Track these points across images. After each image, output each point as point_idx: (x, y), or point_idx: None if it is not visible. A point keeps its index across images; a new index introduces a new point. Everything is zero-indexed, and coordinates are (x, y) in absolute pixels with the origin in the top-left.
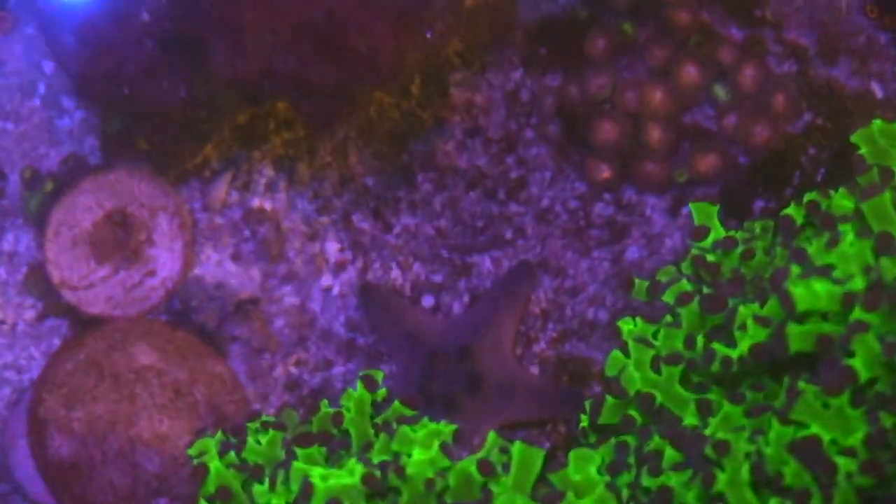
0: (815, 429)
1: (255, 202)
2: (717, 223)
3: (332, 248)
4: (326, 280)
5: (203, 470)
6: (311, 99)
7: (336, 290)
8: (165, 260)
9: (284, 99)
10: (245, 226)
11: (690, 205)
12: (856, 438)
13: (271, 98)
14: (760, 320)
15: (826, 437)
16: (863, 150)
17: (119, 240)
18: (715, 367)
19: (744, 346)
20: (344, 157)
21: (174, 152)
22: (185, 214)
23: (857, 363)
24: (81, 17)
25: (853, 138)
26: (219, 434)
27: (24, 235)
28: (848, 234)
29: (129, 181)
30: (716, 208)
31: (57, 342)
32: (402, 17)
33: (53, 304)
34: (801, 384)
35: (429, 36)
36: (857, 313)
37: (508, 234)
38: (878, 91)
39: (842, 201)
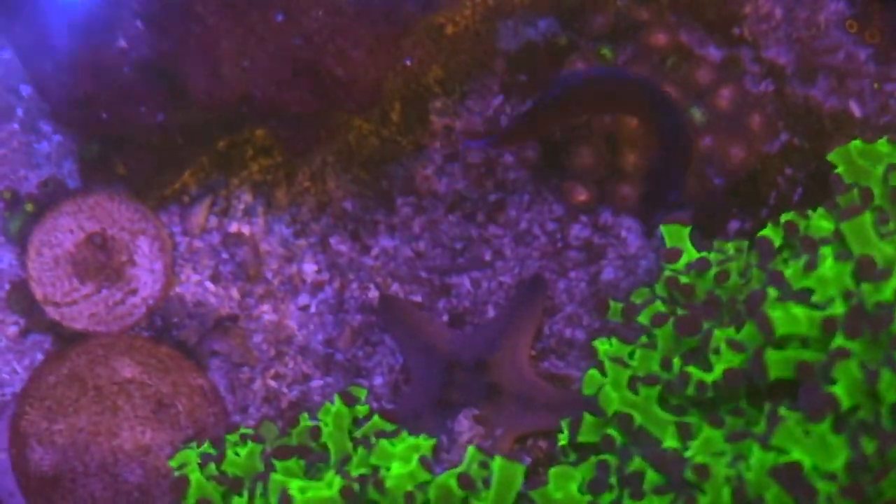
0: (796, 455)
1: (234, 227)
2: (689, 245)
3: (310, 269)
4: (303, 299)
5: (184, 482)
6: (288, 125)
7: (313, 309)
8: (146, 280)
9: (262, 126)
10: (224, 249)
11: (662, 227)
12: (837, 463)
13: (249, 125)
14: (734, 345)
15: (807, 463)
16: (840, 169)
17: (100, 260)
18: (690, 390)
19: (718, 370)
20: (322, 183)
21: (153, 178)
22: (164, 238)
23: (839, 391)
24: (59, 41)
25: (830, 157)
26: (205, 445)
27: (6, 254)
28: (827, 257)
29: (109, 205)
30: (687, 230)
31: (40, 357)
32: (380, 45)
33: (37, 321)
34: (782, 410)
35: (408, 63)
36: (839, 340)
37: (487, 256)
38: (856, 110)
39: (821, 222)
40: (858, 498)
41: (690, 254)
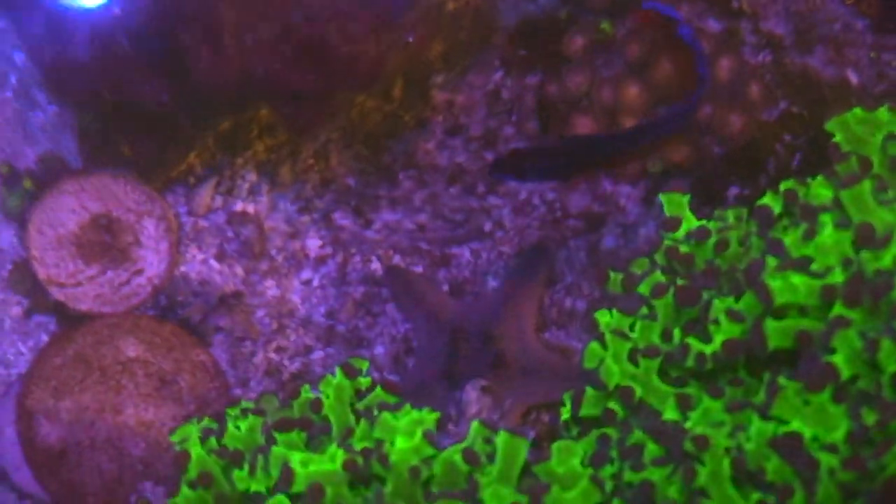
0: (796, 425)
1: (239, 206)
2: (688, 213)
3: (313, 244)
4: (307, 274)
5: (185, 456)
6: (292, 103)
7: (316, 282)
8: (152, 260)
9: (266, 104)
10: (229, 227)
11: (661, 196)
12: (837, 435)
13: (253, 104)
14: (734, 315)
15: (807, 434)
16: (838, 138)
17: (105, 242)
18: (689, 362)
19: (717, 341)
20: (325, 160)
21: (159, 160)
22: (170, 218)
23: (838, 360)
24: (52, 7)
25: (828, 126)
26: (205, 420)
27: (6, 231)
28: (827, 225)
29: (114, 187)
30: (686, 198)
31: (45, 338)
32: (382, 21)
33: (40, 301)
34: (782, 380)
35: (410, 39)
36: (838, 308)
37: (487, 227)
38: (853, 78)
39: (820, 190)
40: (860, 471)
41: (690, 222)
